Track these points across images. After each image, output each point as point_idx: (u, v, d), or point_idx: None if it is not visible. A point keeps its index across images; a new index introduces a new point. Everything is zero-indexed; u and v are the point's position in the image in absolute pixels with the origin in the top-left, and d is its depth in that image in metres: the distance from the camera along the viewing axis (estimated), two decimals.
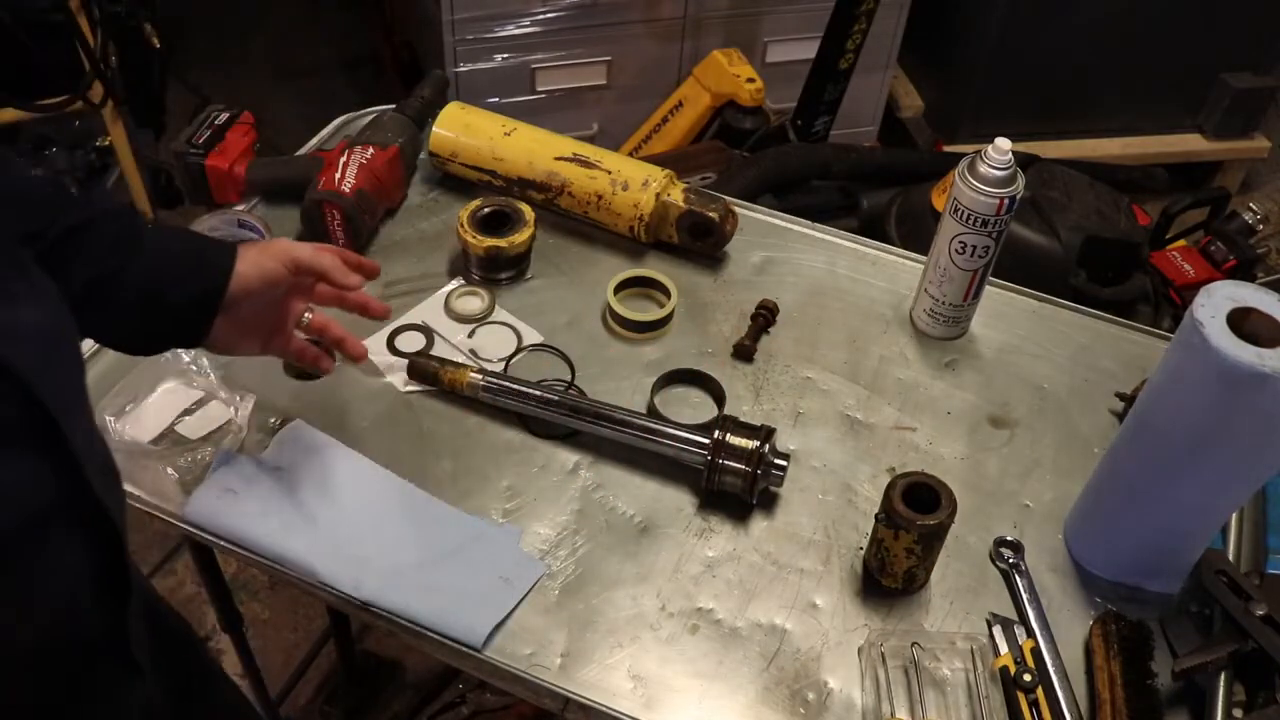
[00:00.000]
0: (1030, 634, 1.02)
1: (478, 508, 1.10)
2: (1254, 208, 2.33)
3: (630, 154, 2.52)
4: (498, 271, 1.33)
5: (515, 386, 1.16)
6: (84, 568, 0.73)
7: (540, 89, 2.56)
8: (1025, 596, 1.06)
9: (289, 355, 1.08)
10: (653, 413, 1.19)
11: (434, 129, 1.41)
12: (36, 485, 0.67)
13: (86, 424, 0.75)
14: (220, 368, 1.17)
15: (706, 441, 1.10)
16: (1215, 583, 1.01)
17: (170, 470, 1.10)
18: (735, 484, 1.10)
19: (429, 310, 1.29)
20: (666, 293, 1.30)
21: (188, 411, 1.15)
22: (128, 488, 1.08)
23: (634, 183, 1.35)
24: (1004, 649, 1.01)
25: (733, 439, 1.09)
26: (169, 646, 0.96)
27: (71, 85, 2.02)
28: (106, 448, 0.77)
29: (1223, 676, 0.96)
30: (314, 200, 1.29)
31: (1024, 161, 1.92)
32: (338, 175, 1.30)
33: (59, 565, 0.71)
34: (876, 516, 1.03)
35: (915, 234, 2.03)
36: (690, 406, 1.22)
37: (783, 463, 1.10)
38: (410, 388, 1.20)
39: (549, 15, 2.45)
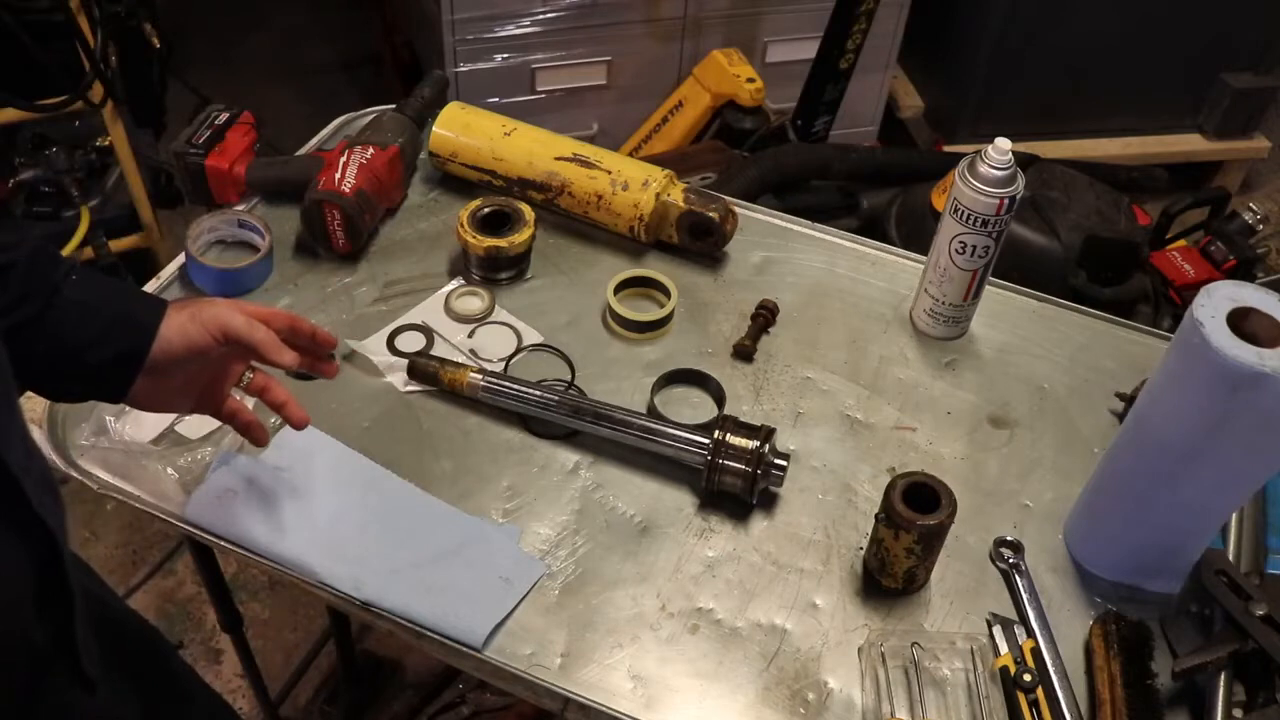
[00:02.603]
0: (1030, 634, 1.02)
1: (477, 508, 1.10)
2: (1254, 208, 2.34)
3: (630, 154, 2.52)
4: (498, 271, 1.33)
5: (515, 387, 1.16)
6: (24, 580, 0.72)
7: (540, 89, 2.56)
8: (1025, 596, 1.06)
9: (220, 417, 1.01)
10: (653, 413, 1.19)
11: (434, 129, 1.41)
12: None
13: (20, 434, 0.73)
14: None
15: (706, 441, 1.10)
16: (1215, 583, 1.01)
17: (170, 470, 1.10)
18: (735, 484, 1.10)
19: (429, 310, 1.29)
20: (666, 293, 1.30)
21: None
22: (128, 487, 1.08)
23: (634, 183, 1.35)
24: (1004, 649, 1.01)
25: (733, 439, 1.09)
26: (132, 660, 0.94)
27: (71, 85, 2.02)
28: (44, 460, 0.76)
29: (1223, 676, 0.96)
30: (314, 200, 1.29)
31: (1024, 161, 1.92)
32: (338, 175, 1.30)
33: None
34: (876, 516, 1.03)
35: (915, 234, 2.03)
36: (690, 406, 1.22)
37: (783, 463, 1.10)
38: (410, 388, 1.20)
39: (549, 15, 2.45)
